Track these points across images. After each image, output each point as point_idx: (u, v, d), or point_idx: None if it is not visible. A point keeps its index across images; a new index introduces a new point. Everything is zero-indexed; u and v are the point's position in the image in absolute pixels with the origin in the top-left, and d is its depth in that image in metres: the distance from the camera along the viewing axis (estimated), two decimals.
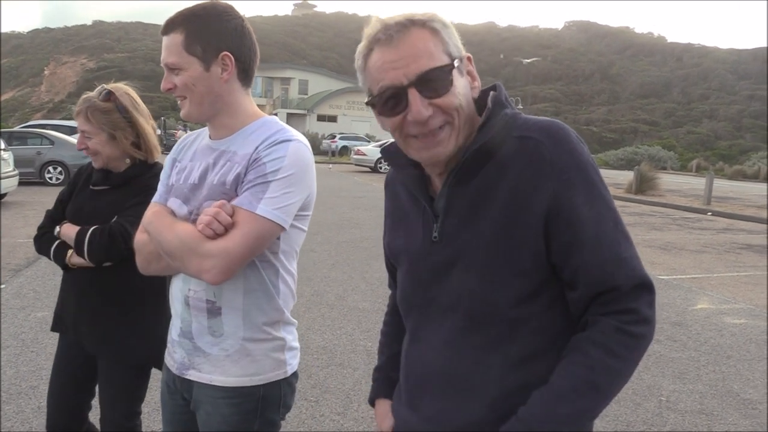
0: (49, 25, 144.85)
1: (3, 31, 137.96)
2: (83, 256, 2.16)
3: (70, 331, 2.30)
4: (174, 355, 1.72)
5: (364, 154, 28.20)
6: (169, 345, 1.76)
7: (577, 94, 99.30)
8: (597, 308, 1.14)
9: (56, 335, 2.39)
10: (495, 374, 1.18)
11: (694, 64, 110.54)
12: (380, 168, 26.93)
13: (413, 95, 1.12)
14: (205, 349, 1.63)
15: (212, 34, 1.56)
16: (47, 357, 4.10)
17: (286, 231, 1.56)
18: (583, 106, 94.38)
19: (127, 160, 2.27)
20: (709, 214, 15.76)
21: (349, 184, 20.77)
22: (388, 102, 1.16)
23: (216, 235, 1.48)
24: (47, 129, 17.76)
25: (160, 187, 1.75)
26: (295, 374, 1.72)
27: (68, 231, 2.22)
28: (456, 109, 1.15)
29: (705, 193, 17.52)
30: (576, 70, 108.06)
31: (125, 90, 2.28)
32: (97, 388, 2.35)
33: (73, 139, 17.17)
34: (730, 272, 8.33)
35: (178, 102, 1.63)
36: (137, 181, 2.24)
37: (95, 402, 2.37)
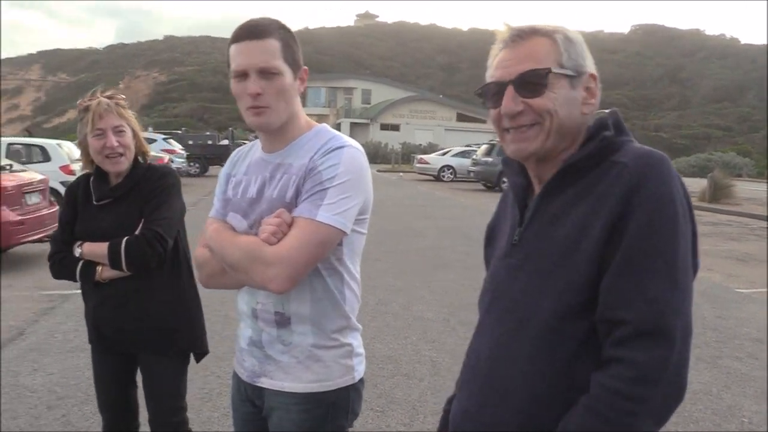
0: (123, 41, 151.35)
1: (81, 47, 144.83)
2: (120, 268, 2.21)
3: (110, 341, 2.37)
4: (244, 364, 1.75)
5: (428, 163, 28.15)
6: (237, 353, 1.79)
7: (646, 99, 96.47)
8: (608, 345, 1.11)
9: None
10: (527, 383, 1.20)
11: None
12: (443, 177, 26.82)
13: (508, 91, 1.24)
14: (276, 356, 1.66)
15: (297, 48, 1.63)
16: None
17: (348, 236, 1.59)
18: (652, 111, 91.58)
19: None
20: None
21: (412, 192, 20.77)
22: (493, 96, 1.27)
23: (277, 242, 1.51)
24: None
25: (217, 202, 1.79)
26: (361, 380, 1.75)
27: (94, 249, 2.25)
28: (548, 112, 1.22)
29: None
30: (644, 74, 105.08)
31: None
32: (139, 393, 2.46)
33: None
34: None
35: (251, 110, 1.58)
36: (141, 186, 2.30)
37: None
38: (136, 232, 2.22)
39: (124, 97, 2.35)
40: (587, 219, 1.16)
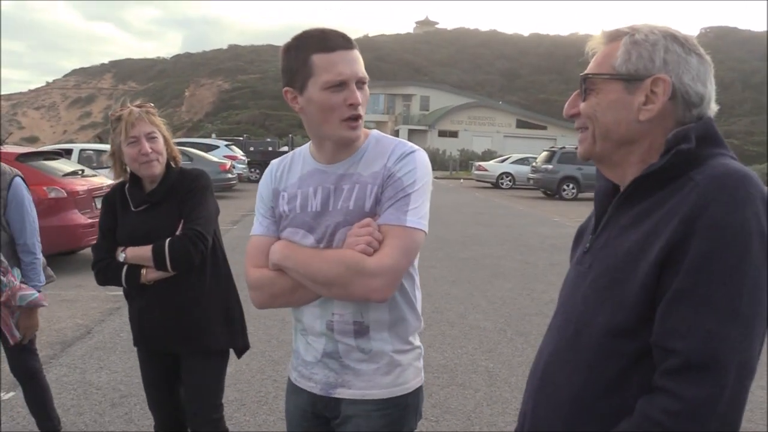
0: (189, 50, 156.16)
1: (150, 56, 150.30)
2: (165, 268, 2.28)
3: (154, 341, 2.46)
4: (314, 377, 1.71)
5: (486, 170, 27.90)
6: (301, 368, 1.75)
7: (717, 104, 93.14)
8: (658, 373, 1.06)
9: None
10: (575, 394, 1.19)
11: None
12: (502, 184, 26.52)
13: (574, 94, 1.27)
14: (355, 366, 1.66)
15: None
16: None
17: None
18: (722, 117, 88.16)
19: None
20: None
21: (470, 199, 20.61)
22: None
23: (374, 253, 1.52)
24: (187, 146, 19.05)
25: (263, 219, 1.74)
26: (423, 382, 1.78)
27: (138, 252, 2.32)
28: (589, 117, 1.22)
29: None
30: (715, 78, 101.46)
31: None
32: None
33: (211, 156, 18.33)
34: None
35: (349, 122, 1.56)
36: (176, 189, 2.37)
37: None
38: (177, 233, 2.30)
39: (153, 105, 2.45)
40: (650, 237, 1.11)
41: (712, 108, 1.22)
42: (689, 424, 1.00)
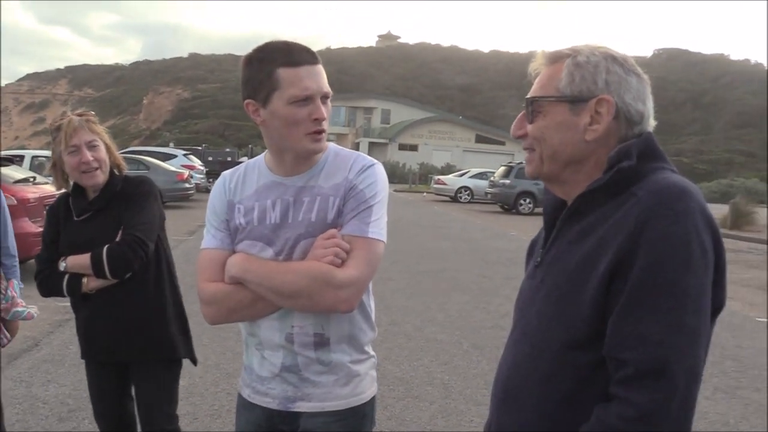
0: (148, 57, 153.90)
1: (108, 63, 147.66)
2: (105, 276, 2.25)
3: (103, 352, 2.41)
4: (271, 392, 1.69)
5: (445, 184, 28.15)
6: (255, 384, 1.73)
7: (668, 124, 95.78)
8: (613, 383, 1.11)
9: None
10: (536, 410, 1.21)
11: None
12: (460, 198, 26.78)
13: (520, 115, 1.29)
14: (314, 378, 1.66)
15: None
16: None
17: None
18: (673, 136, 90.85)
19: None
20: None
21: (429, 213, 20.74)
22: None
23: (340, 263, 1.54)
24: (144, 155, 18.72)
25: (217, 232, 1.70)
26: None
27: (77, 260, 2.29)
28: (536, 139, 1.26)
29: None
30: (666, 98, 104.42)
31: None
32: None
33: (168, 165, 18.06)
34: None
35: (314, 136, 1.57)
36: (119, 197, 2.35)
37: None
38: (116, 239, 2.27)
39: (93, 113, 2.42)
40: (597, 251, 1.14)
41: (651, 124, 1.26)
42: (643, 428, 1.05)
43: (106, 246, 2.24)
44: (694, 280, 1.07)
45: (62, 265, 2.32)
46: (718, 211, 21.99)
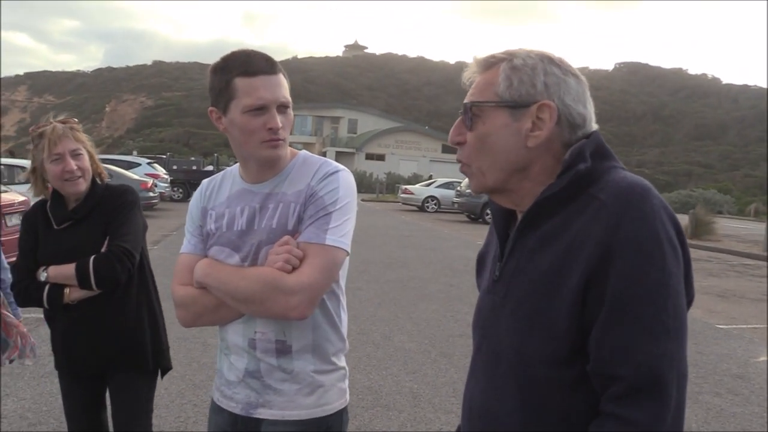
0: (111, 64, 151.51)
1: (70, 69, 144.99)
2: (90, 287, 2.20)
3: (81, 362, 2.35)
4: (236, 396, 1.70)
5: (412, 193, 28.25)
6: (223, 388, 1.74)
7: (629, 136, 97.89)
8: (605, 400, 1.07)
9: None
10: (520, 429, 1.16)
11: (751, 105, 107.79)
12: (427, 207, 26.90)
13: (457, 122, 1.24)
14: (276, 386, 1.65)
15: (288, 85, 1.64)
16: None
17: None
18: (635, 147, 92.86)
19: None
20: None
21: (396, 222, 20.78)
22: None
23: (293, 271, 1.52)
24: (106, 163, 18.36)
25: (192, 237, 1.75)
26: (348, 404, 1.77)
27: (60, 271, 2.22)
28: (475, 150, 1.20)
29: (765, 239, 16.86)
30: (627, 111, 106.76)
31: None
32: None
33: (132, 174, 17.76)
34: None
35: (269, 144, 1.58)
36: (102, 206, 2.31)
37: None
38: (103, 250, 2.22)
39: (77, 121, 2.37)
40: (565, 261, 1.09)
41: (593, 127, 1.22)
42: None
43: (93, 257, 2.19)
44: (671, 281, 1.05)
45: (43, 275, 2.25)
46: (680, 221, 22.52)
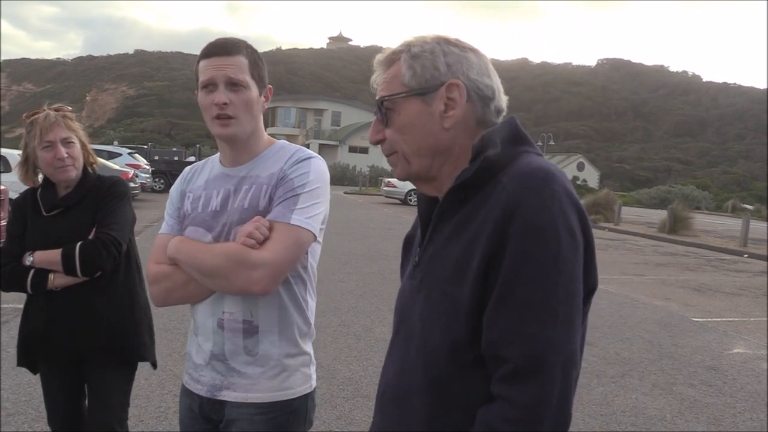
0: (91, 53, 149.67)
1: (49, 58, 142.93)
2: (75, 274, 2.20)
3: (64, 351, 2.34)
4: (202, 379, 1.74)
5: (395, 186, 28.28)
6: (191, 371, 1.78)
7: (610, 132, 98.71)
8: (494, 381, 1.08)
9: None
10: (424, 416, 1.18)
11: (729, 103, 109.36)
12: (410, 200, 26.96)
13: (374, 122, 1.26)
14: (240, 368, 1.68)
15: (263, 68, 1.71)
16: None
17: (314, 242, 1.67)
18: (615, 143, 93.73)
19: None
20: (746, 256, 15.39)
21: (379, 215, 20.81)
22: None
23: (258, 246, 1.56)
24: None
25: (169, 218, 1.81)
26: (315, 389, 1.80)
27: (46, 256, 2.22)
28: (397, 141, 1.22)
29: (741, 235, 17.15)
30: (609, 107, 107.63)
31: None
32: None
33: (111, 164, 17.60)
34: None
35: (217, 120, 1.64)
36: (92, 195, 2.32)
37: None
38: (90, 237, 2.22)
39: (71, 109, 2.38)
40: (471, 245, 1.11)
41: (504, 99, 1.23)
42: (526, 427, 1.03)
43: (80, 243, 2.19)
44: (565, 267, 1.05)
45: (29, 260, 2.24)
46: (657, 216, 22.73)
